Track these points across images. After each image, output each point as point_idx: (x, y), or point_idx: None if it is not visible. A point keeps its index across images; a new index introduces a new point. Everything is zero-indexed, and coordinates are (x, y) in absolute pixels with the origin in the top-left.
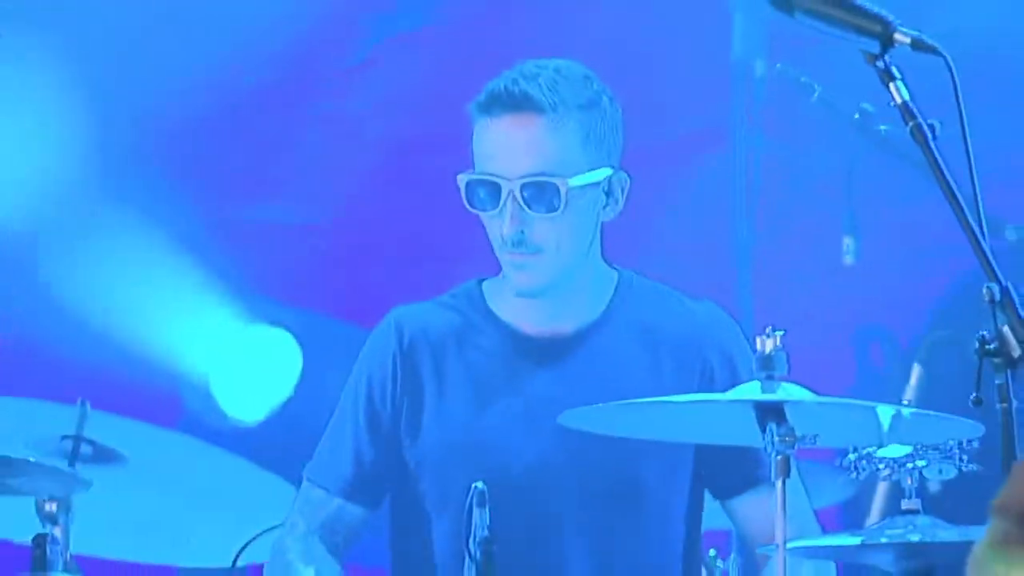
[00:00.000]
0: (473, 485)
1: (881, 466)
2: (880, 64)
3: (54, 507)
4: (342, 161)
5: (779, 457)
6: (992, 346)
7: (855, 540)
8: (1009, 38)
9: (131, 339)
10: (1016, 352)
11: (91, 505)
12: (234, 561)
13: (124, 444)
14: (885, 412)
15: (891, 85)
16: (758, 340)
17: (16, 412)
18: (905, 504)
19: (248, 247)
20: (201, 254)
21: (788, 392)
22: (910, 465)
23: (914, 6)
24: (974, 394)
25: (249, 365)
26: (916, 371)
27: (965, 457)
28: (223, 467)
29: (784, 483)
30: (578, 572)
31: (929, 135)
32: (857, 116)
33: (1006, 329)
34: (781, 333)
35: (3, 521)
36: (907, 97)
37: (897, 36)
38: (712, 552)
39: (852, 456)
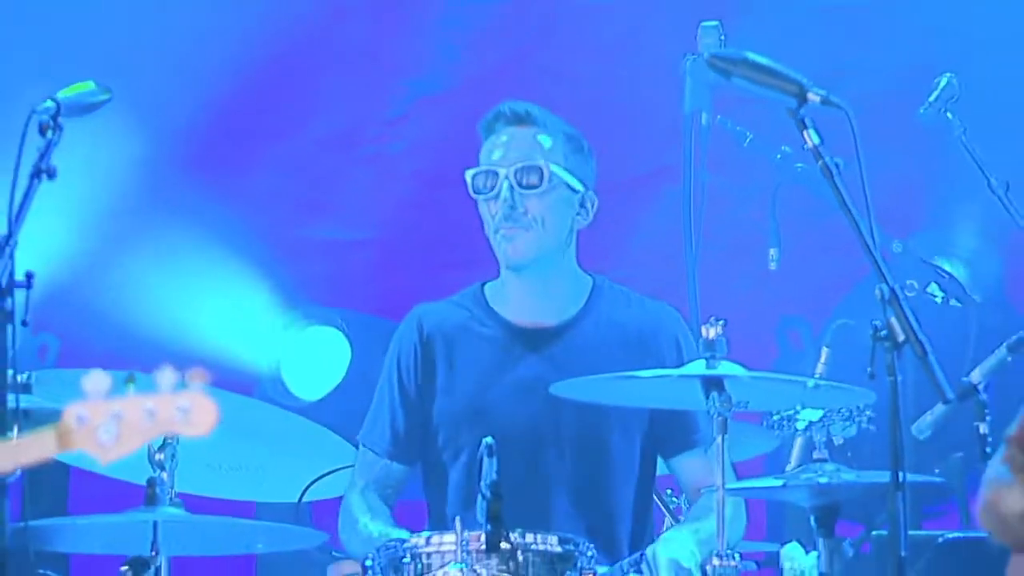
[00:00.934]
0: (484, 441)
1: (798, 425)
2: (797, 116)
3: (162, 456)
4: (382, 191)
5: (719, 418)
6: (883, 333)
7: (778, 482)
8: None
9: (215, 337)
10: (900, 337)
11: (190, 454)
12: (300, 498)
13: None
14: (801, 384)
15: (805, 132)
16: (703, 328)
17: (130, 383)
18: (816, 454)
19: (306, 261)
20: (270, 269)
21: (726, 368)
22: (820, 424)
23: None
24: (869, 369)
25: (310, 357)
26: (825, 352)
27: (861, 418)
28: (292, 426)
29: (723, 437)
30: (557, 508)
31: (834, 170)
32: (779, 156)
33: (893, 320)
34: (721, 323)
35: (121, 465)
36: (817, 141)
37: (810, 95)
38: (668, 491)
39: (776, 417)
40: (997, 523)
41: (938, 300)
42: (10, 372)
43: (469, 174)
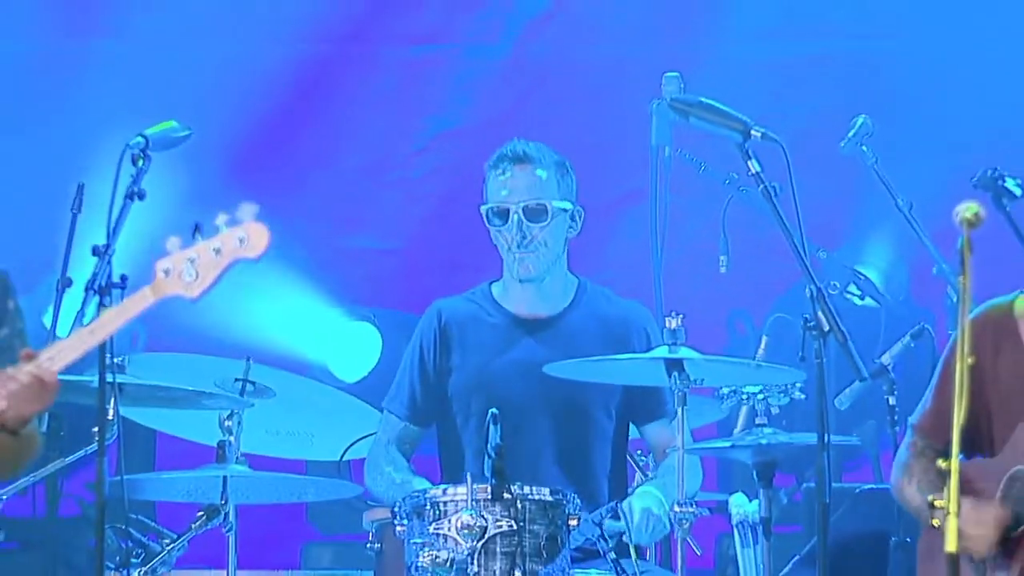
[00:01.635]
0: (490, 411)
1: (743, 397)
2: (742, 149)
3: (230, 422)
4: (407, 209)
5: (679, 393)
6: (811, 324)
7: (727, 443)
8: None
9: (275, 330)
10: (826, 327)
11: (253, 422)
12: (341, 457)
13: (272, 384)
14: (745, 365)
15: (748, 162)
16: (667, 320)
17: (209, 365)
18: (757, 420)
19: (344, 268)
20: (316, 275)
21: (685, 352)
22: (760, 396)
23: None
24: (800, 353)
25: (348, 346)
26: (764, 340)
27: (793, 392)
28: (335, 400)
29: (683, 408)
30: (548, 465)
31: (772, 193)
32: (727, 181)
33: (820, 313)
34: (681, 316)
35: (198, 430)
36: (758, 169)
37: (752, 131)
38: (639, 452)
39: (724, 391)
40: (901, 503)
41: (856, 298)
42: (108, 355)
43: (484, 209)
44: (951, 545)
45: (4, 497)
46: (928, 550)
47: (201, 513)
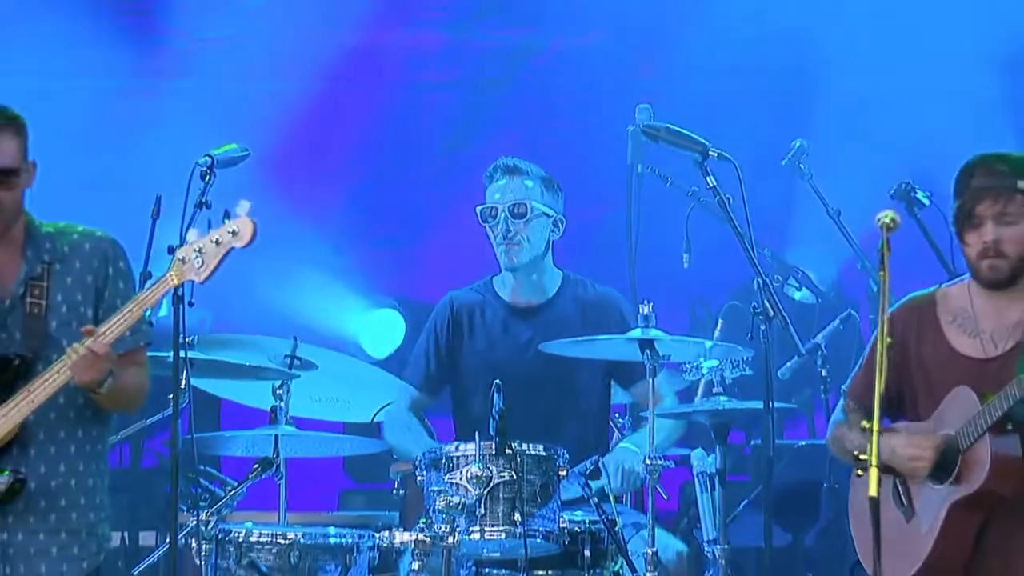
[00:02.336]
0: (494, 382)
1: (704, 371)
2: (701, 166)
3: (280, 390)
4: (426, 215)
5: (651, 367)
6: (758, 310)
7: (690, 409)
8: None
9: (317, 314)
10: (770, 313)
11: (300, 391)
12: (372, 418)
13: (315, 359)
14: (704, 343)
15: (707, 177)
16: (640, 307)
17: (263, 343)
18: (714, 390)
19: (375, 263)
20: (351, 268)
21: (655, 334)
22: (717, 370)
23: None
24: (749, 335)
25: (377, 328)
26: (720, 323)
27: (744, 366)
28: (367, 373)
29: (654, 379)
30: (542, 426)
31: (726, 202)
32: (690, 192)
33: (765, 302)
34: (651, 304)
35: (254, 397)
36: (714, 183)
37: (710, 152)
38: (617, 415)
39: (687, 366)
40: (839, 453)
41: (795, 289)
42: (181, 335)
43: (478, 209)
44: (872, 491)
45: None
46: (861, 492)
47: (257, 465)
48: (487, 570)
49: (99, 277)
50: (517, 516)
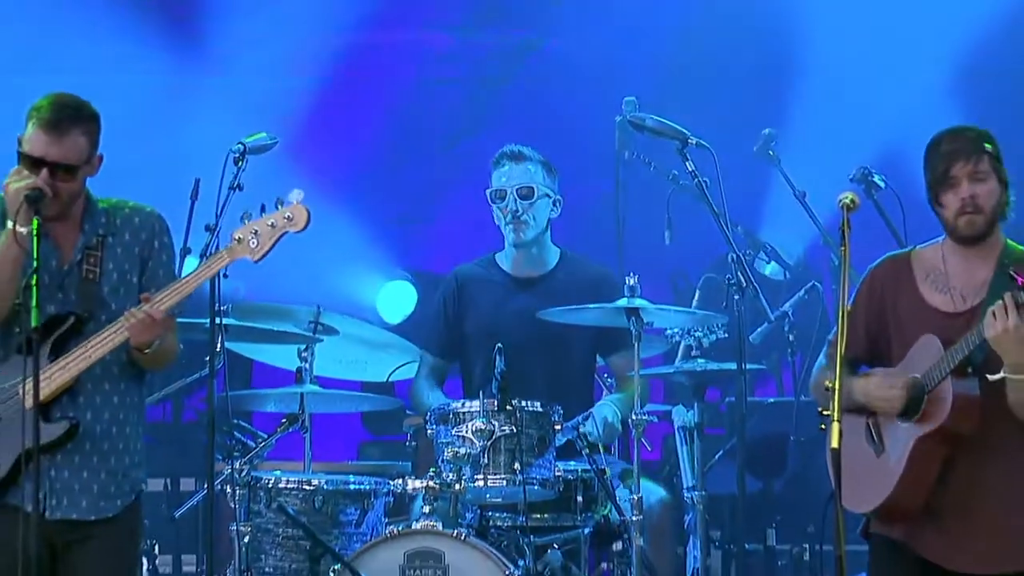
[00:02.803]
0: (496, 345)
1: (683, 335)
2: (682, 152)
3: (305, 353)
4: (437, 196)
5: (635, 332)
6: (732, 281)
7: (671, 369)
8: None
9: (339, 283)
10: (743, 284)
11: (323, 353)
12: (387, 378)
13: (336, 325)
14: (683, 311)
15: (686, 162)
16: (626, 279)
17: (289, 311)
18: (693, 352)
19: (391, 239)
20: (370, 243)
21: (640, 303)
22: (695, 334)
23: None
24: (724, 303)
25: (392, 297)
26: (698, 293)
27: (719, 332)
28: (383, 336)
29: (639, 344)
30: (537, 386)
31: (703, 185)
32: (671, 176)
33: (738, 274)
34: (637, 276)
35: (282, 359)
36: (693, 167)
37: (689, 140)
38: (604, 375)
39: (669, 332)
40: (821, 396)
41: (764, 263)
42: (217, 303)
43: (488, 192)
44: (834, 443)
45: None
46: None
47: (284, 420)
48: (490, 513)
49: (145, 248)
50: (517, 465)
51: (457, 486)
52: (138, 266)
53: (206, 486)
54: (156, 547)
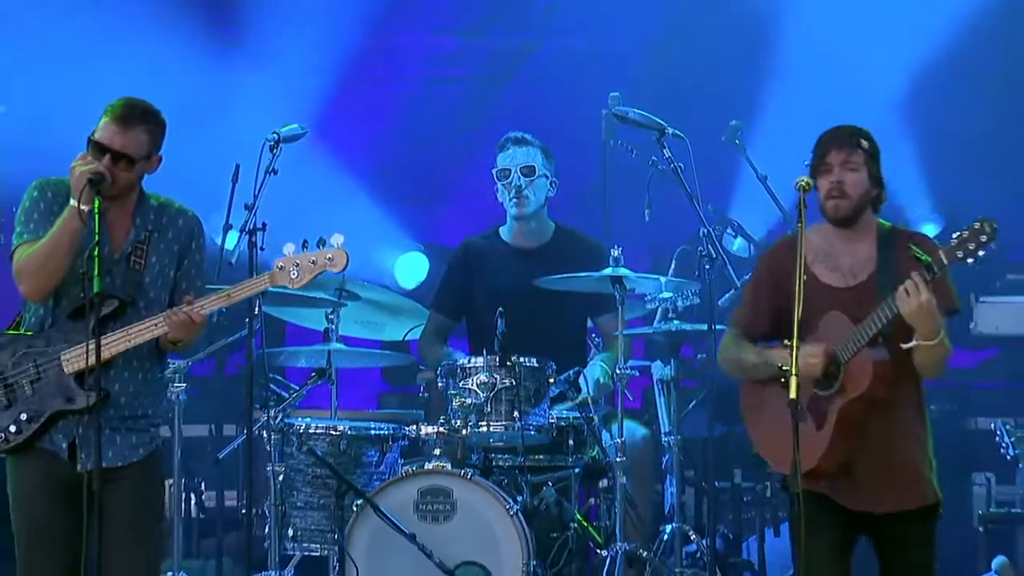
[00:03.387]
0: (498, 308)
1: (664, 300)
2: (660, 141)
3: (332, 315)
4: (447, 178)
5: (620, 297)
6: (704, 253)
7: (650, 329)
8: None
9: (364, 253)
10: (713, 256)
11: (346, 314)
12: (403, 337)
13: (358, 291)
14: (662, 279)
15: (663, 150)
16: (612, 251)
17: (317, 279)
18: (670, 315)
19: (406, 215)
20: (389, 218)
21: (623, 271)
22: (671, 299)
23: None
24: (696, 272)
25: (407, 266)
26: (673, 264)
27: (693, 297)
28: (399, 300)
29: (623, 307)
30: (534, 344)
31: (679, 169)
32: (651, 162)
33: (709, 246)
34: (621, 248)
35: (312, 320)
36: (670, 154)
37: (666, 130)
38: (593, 336)
39: (648, 297)
40: (732, 369)
41: (732, 237)
42: (254, 271)
43: (495, 171)
44: (792, 394)
45: (190, 363)
46: (760, 401)
47: (314, 374)
48: (492, 455)
49: (184, 248)
50: (516, 413)
51: (464, 431)
52: (176, 262)
53: (245, 432)
54: (203, 484)
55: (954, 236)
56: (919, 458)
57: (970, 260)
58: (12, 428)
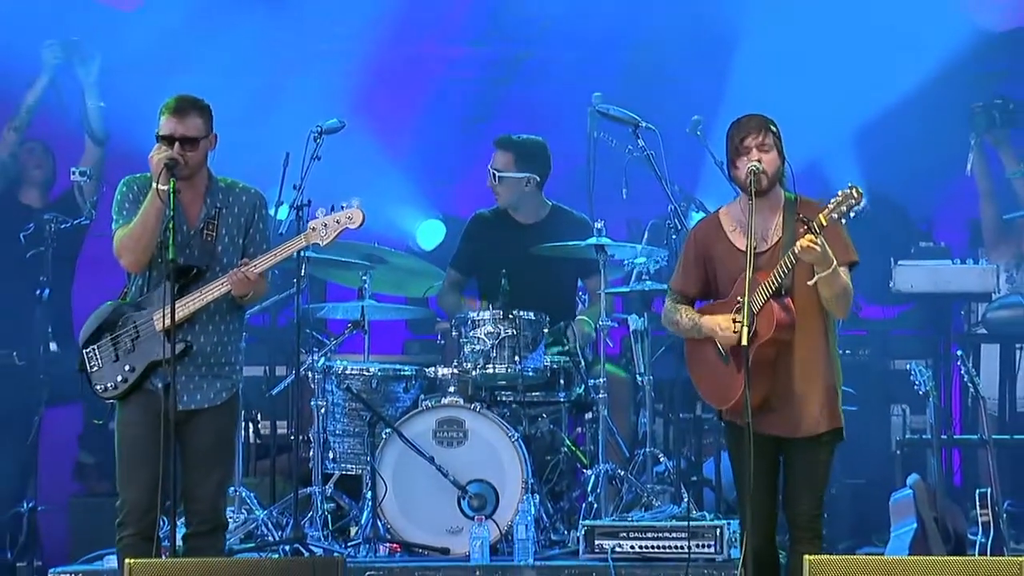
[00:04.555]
0: (502, 271)
1: (638, 264)
2: (635, 134)
3: (365, 276)
4: (455, 165)
5: (602, 262)
6: (672, 225)
7: (627, 289)
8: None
9: (390, 223)
10: (679, 227)
11: (377, 275)
12: (423, 294)
13: (386, 256)
14: (636, 247)
15: (638, 140)
16: (596, 224)
17: (352, 245)
18: (643, 276)
19: (425, 192)
20: (411, 192)
21: (605, 241)
22: (644, 263)
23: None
24: (665, 241)
25: (427, 232)
26: (646, 234)
27: (662, 262)
28: (418, 262)
29: (604, 270)
30: (531, 300)
31: (651, 155)
32: (627, 150)
33: (675, 220)
34: (603, 221)
35: (348, 279)
36: (643, 144)
37: (641, 124)
38: (580, 294)
39: (627, 262)
40: (672, 327)
41: (695, 213)
42: None
43: (489, 171)
44: (744, 341)
45: (249, 315)
46: (698, 354)
47: (350, 324)
48: (497, 392)
49: (248, 220)
50: (516, 358)
51: (473, 372)
52: (243, 231)
53: (294, 372)
54: (258, 415)
55: (831, 201)
56: (824, 392)
57: (843, 220)
58: (119, 378)
